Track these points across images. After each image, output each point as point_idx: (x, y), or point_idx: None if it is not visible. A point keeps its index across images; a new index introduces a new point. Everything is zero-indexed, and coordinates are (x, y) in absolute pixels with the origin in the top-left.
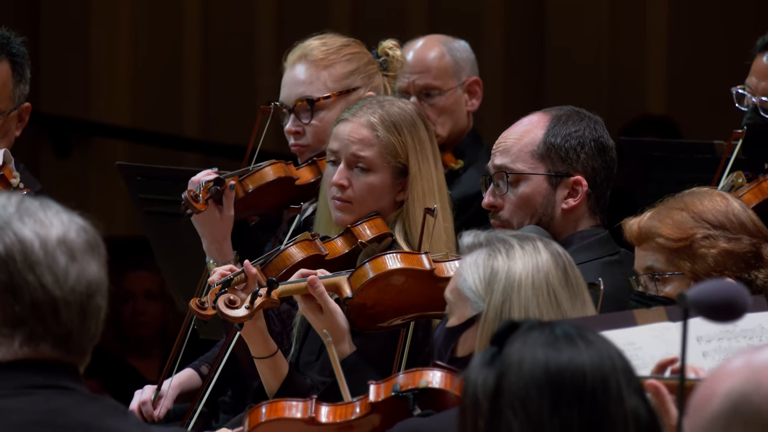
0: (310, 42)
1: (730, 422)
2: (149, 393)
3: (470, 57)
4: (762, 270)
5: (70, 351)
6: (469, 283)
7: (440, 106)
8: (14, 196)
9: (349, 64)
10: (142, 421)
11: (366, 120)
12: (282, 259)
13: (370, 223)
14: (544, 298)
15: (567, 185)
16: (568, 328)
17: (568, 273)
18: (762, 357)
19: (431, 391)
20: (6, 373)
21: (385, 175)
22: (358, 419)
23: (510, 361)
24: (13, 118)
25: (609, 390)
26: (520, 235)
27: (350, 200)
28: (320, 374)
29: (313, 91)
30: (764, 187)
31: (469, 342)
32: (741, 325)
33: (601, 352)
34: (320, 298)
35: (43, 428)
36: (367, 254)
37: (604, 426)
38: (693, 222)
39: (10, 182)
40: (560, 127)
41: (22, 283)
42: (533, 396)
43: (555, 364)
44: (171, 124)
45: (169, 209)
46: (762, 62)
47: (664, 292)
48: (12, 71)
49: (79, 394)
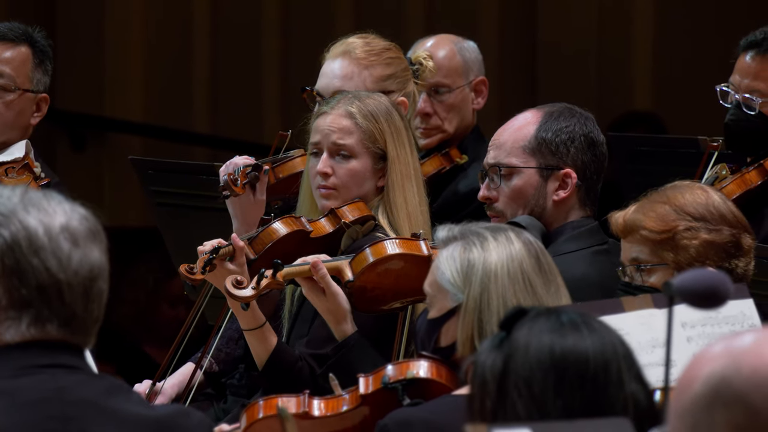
0: (354, 40)
1: (712, 404)
2: (145, 386)
3: (478, 57)
4: (742, 259)
5: (75, 332)
6: (447, 276)
7: (449, 103)
8: (18, 188)
9: (388, 68)
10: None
11: (344, 110)
12: (268, 233)
13: (352, 206)
14: (519, 285)
15: (557, 178)
16: (574, 315)
17: (540, 260)
18: (741, 342)
19: (419, 381)
20: (15, 353)
21: (366, 160)
22: (349, 411)
23: (517, 345)
24: (29, 101)
25: (610, 374)
26: (493, 227)
27: (335, 187)
28: (308, 347)
29: (350, 86)
30: (747, 179)
31: (451, 332)
32: (723, 312)
33: (603, 339)
34: (323, 281)
35: (51, 404)
36: (350, 235)
37: (604, 408)
38: (675, 215)
39: (34, 170)
40: (551, 123)
41: (28, 267)
42: (538, 378)
43: (560, 349)
44: (181, 121)
45: (179, 201)
46: (745, 61)
47: (649, 282)
48: (32, 55)
49: (84, 373)
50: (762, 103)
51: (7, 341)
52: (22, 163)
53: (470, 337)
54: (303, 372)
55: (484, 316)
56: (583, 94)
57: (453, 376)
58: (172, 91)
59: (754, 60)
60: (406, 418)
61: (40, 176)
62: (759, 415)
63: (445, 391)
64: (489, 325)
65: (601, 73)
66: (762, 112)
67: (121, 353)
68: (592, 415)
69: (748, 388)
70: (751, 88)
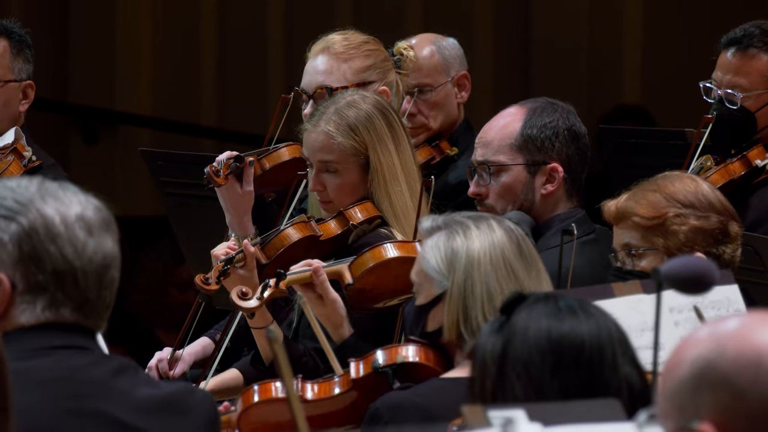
0: (333, 36)
1: (697, 386)
2: (166, 353)
3: (458, 53)
4: (729, 245)
5: (88, 316)
6: (432, 264)
7: (432, 101)
8: (35, 179)
9: (367, 60)
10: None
11: (322, 129)
12: (280, 239)
13: (360, 207)
14: (501, 271)
15: (544, 172)
16: (571, 301)
17: (521, 246)
18: (726, 326)
19: (408, 365)
20: (31, 334)
21: (353, 172)
22: (341, 394)
23: (516, 329)
24: (14, 90)
25: (605, 358)
26: (475, 216)
27: (329, 200)
28: (313, 340)
29: (332, 81)
30: (731, 169)
31: (437, 317)
32: (710, 297)
33: (599, 324)
34: (321, 287)
35: (65, 383)
36: (357, 234)
37: (599, 390)
38: (665, 202)
39: (23, 155)
40: (536, 119)
41: (45, 254)
42: (536, 361)
43: (557, 333)
44: (189, 114)
45: (187, 191)
46: (726, 58)
47: (639, 266)
48: (9, 46)
49: (95, 354)
50: (743, 98)
51: (22, 324)
52: (10, 148)
53: (456, 322)
54: (308, 366)
55: (468, 301)
56: (575, 89)
57: (440, 360)
58: (180, 85)
59: (734, 56)
60: (397, 401)
61: (31, 159)
62: (744, 396)
63: (433, 374)
64: (473, 310)
65: (593, 69)
66: (744, 107)
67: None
68: (588, 396)
69: (733, 370)
70: (733, 84)
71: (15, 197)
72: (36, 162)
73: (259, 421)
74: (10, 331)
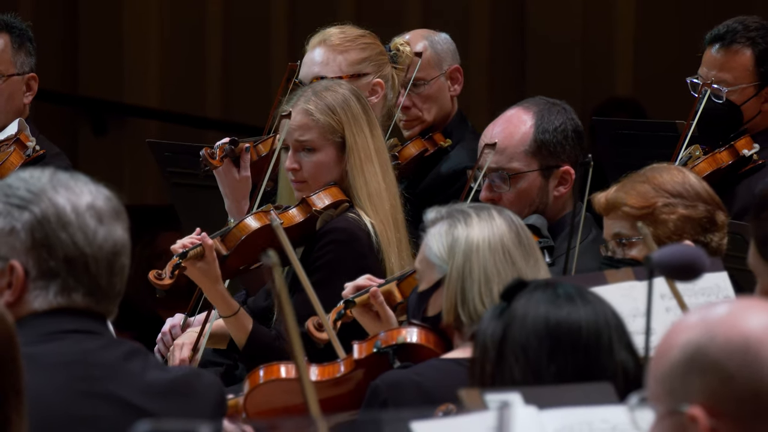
0: (330, 29)
1: (688, 370)
2: (179, 319)
3: (450, 47)
4: (716, 234)
5: (99, 302)
6: (434, 250)
7: (425, 94)
8: (47, 170)
9: (362, 52)
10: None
11: (302, 108)
12: (239, 229)
13: (325, 192)
14: (500, 257)
15: (557, 175)
16: (569, 288)
17: (520, 235)
18: (716, 312)
19: (408, 346)
20: (43, 319)
21: (329, 150)
22: (344, 375)
23: (516, 314)
24: (18, 84)
25: (601, 343)
26: (477, 206)
27: (304, 180)
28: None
29: (327, 71)
30: (718, 158)
31: (437, 302)
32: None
33: (596, 310)
34: (380, 308)
35: (76, 366)
36: (324, 220)
37: (595, 374)
38: (654, 192)
39: (27, 145)
40: (546, 124)
41: (56, 241)
42: (534, 345)
43: (554, 318)
44: (195, 106)
45: (193, 181)
46: (710, 54)
47: (630, 255)
48: (10, 41)
49: (106, 338)
50: (728, 92)
51: (35, 309)
52: (13, 139)
53: (454, 305)
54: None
55: (466, 284)
56: (569, 82)
57: (440, 342)
58: (186, 78)
59: (719, 52)
60: (397, 379)
61: (35, 149)
62: (732, 380)
63: (433, 356)
64: (470, 292)
65: (586, 63)
66: (729, 100)
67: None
68: (584, 380)
69: (722, 355)
70: (718, 79)
71: (27, 187)
72: (40, 151)
73: (265, 403)
74: (24, 316)
